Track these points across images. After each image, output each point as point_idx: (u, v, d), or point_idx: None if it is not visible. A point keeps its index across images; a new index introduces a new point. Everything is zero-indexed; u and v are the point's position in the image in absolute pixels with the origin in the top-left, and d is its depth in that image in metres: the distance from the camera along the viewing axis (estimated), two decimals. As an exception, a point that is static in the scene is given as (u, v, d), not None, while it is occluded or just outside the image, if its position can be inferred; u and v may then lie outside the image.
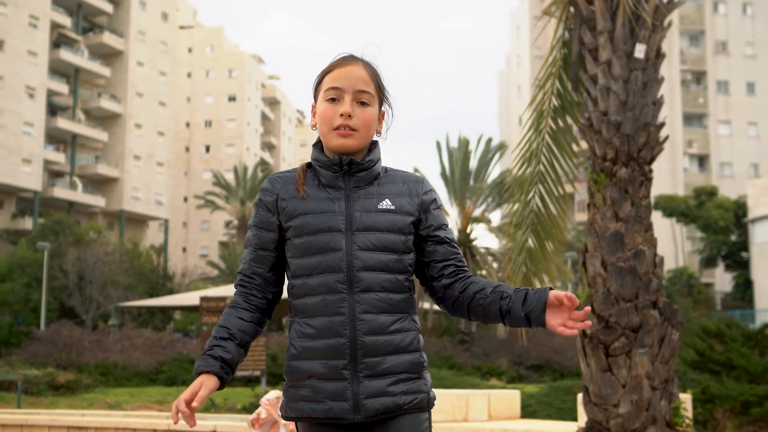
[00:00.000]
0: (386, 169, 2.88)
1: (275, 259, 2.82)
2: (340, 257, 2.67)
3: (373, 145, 2.85)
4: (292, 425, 10.62)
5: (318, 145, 2.85)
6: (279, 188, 2.80)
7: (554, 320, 2.64)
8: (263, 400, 10.59)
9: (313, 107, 2.88)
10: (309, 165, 2.86)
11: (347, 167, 2.76)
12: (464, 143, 40.17)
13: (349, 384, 2.65)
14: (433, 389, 2.79)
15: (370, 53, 2.86)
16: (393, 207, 2.76)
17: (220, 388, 2.68)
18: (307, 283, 2.71)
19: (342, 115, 2.74)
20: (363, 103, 2.77)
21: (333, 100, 2.77)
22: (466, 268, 2.87)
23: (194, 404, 2.58)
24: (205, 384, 2.63)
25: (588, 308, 2.58)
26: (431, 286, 2.88)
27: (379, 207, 2.75)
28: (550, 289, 2.65)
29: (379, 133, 2.88)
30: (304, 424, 2.73)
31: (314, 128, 2.87)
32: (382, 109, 2.88)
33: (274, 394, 10.57)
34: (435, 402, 2.79)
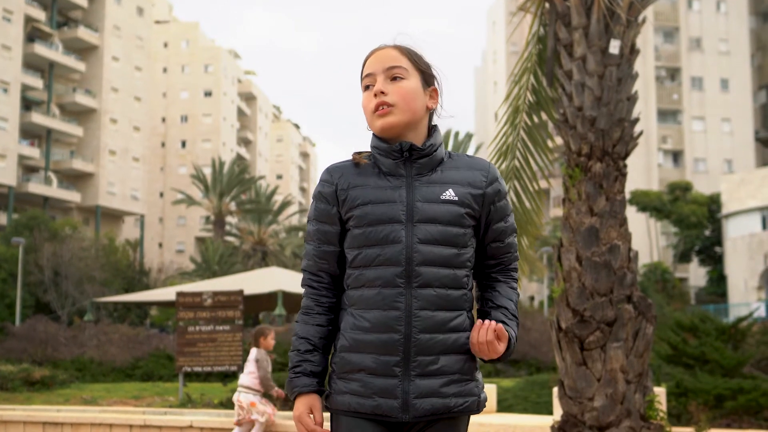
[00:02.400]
0: (450, 155, 2.78)
1: (340, 255, 2.73)
2: (400, 250, 2.59)
3: (433, 129, 2.76)
4: (268, 414, 10.63)
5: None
6: (338, 178, 2.71)
7: None
8: (241, 403, 10.64)
9: None
10: (359, 154, 2.78)
11: (408, 153, 2.67)
12: (444, 137, 40.33)
13: (399, 382, 2.57)
14: (484, 390, 2.73)
15: (401, 37, 2.79)
16: (456, 198, 2.66)
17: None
18: (364, 274, 2.63)
19: (375, 95, 2.67)
20: (395, 78, 2.68)
21: (368, 87, 2.71)
22: (509, 266, 2.81)
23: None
24: (315, 407, 2.62)
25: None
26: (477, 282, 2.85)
27: (442, 197, 2.65)
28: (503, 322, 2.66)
29: (431, 109, 2.77)
30: (348, 418, 2.64)
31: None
32: (433, 86, 2.78)
33: (246, 400, 10.60)
34: (486, 403, 2.73)
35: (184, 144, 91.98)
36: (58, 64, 68.44)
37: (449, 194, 2.65)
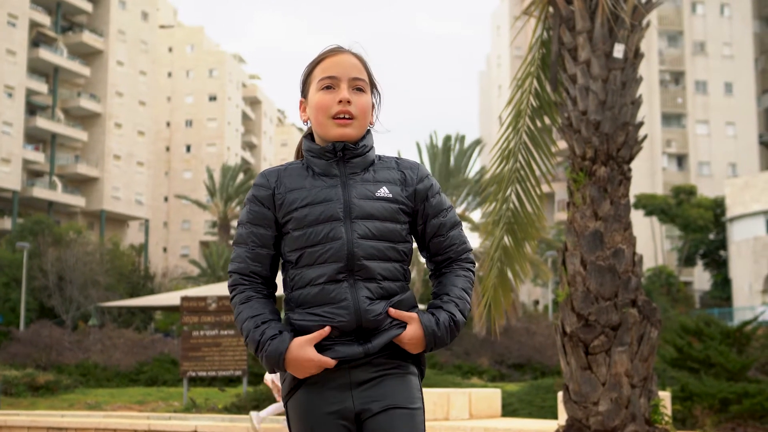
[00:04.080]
0: (380, 157, 2.82)
1: (273, 258, 2.77)
2: (341, 246, 2.64)
3: (366, 131, 2.80)
4: None
5: (309, 136, 2.80)
6: (274, 182, 2.74)
7: None
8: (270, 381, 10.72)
9: (302, 102, 2.83)
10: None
11: (341, 153, 2.72)
12: (445, 140, 40.39)
13: (359, 345, 2.65)
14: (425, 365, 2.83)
15: (356, 46, 2.83)
16: (390, 195, 2.72)
17: None
18: (307, 273, 2.67)
19: (341, 101, 2.70)
20: (359, 90, 2.74)
21: (328, 88, 2.72)
22: (457, 258, 2.86)
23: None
24: (309, 338, 2.62)
25: None
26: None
27: (377, 194, 2.71)
28: (419, 321, 2.69)
29: (372, 124, 2.83)
30: (303, 396, 2.70)
31: (306, 123, 2.81)
32: (372, 99, 2.83)
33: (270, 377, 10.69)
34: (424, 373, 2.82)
35: (188, 148, 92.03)
36: (62, 69, 68.53)
37: (383, 191, 2.73)
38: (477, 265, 8.58)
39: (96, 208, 70.85)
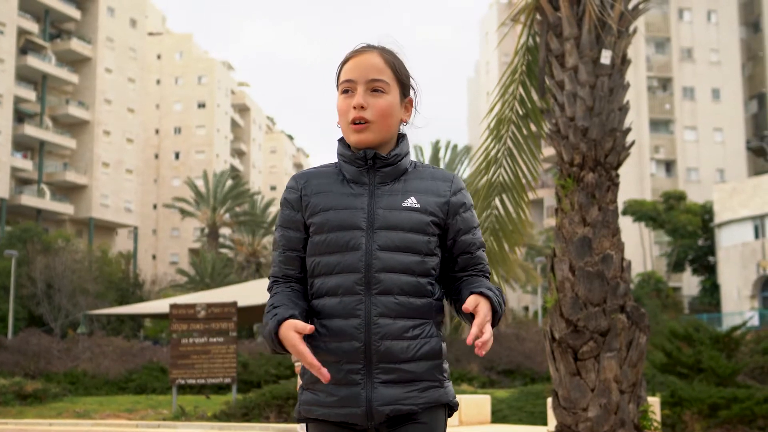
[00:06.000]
0: (415, 165, 2.74)
1: (304, 261, 2.68)
2: (359, 257, 2.55)
3: (401, 138, 2.72)
4: None
5: (344, 140, 2.72)
6: (303, 184, 2.68)
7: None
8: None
9: None
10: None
11: (372, 162, 2.65)
12: (434, 147, 40.50)
13: (362, 389, 2.53)
14: (456, 398, 2.67)
15: (386, 40, 2.73)
16: (418, 205, 2.62)
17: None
18: (325, 283, 2.59)
19: (355, 107, 2.62)
20: (377, 91, 2.64)
21: (346, 92, 2.66)
22: (478, 275, 2.73)
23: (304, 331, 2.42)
24: (296, 325, 2.44)
25: (483, 342, 2.47)
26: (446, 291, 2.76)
27: (404, 205, 2.61)
28: (479, 293, 2.53)
29: (405, 122, 2.74)
30: (317, 425, 2.61)
31: (338, 125, 2.74)
32: (409, 96, 2.75)
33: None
34: (457, 409, 2.68)
35: (177, 156, 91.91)
36: (51, 76, 68.37)
37: (411, 202, 2.62)
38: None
39: (84, 215, 70.65)
